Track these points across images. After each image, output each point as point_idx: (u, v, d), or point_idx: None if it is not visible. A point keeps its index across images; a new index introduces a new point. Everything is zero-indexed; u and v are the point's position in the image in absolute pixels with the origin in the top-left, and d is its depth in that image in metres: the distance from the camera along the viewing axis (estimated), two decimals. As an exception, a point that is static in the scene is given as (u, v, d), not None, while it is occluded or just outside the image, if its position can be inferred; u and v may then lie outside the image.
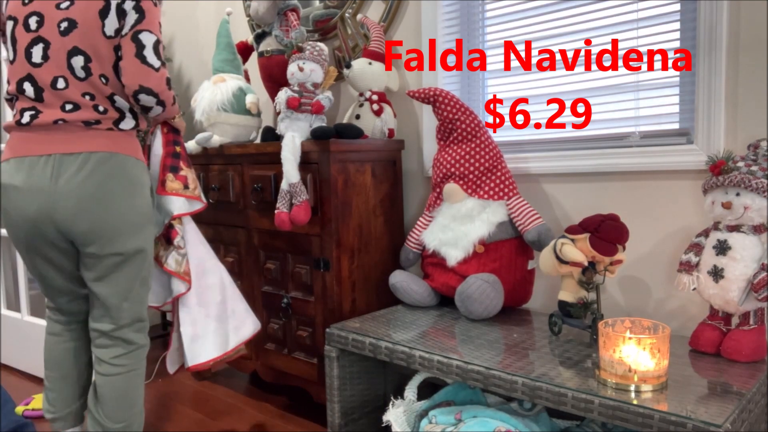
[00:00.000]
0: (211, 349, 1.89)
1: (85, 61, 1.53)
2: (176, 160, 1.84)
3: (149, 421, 2.21)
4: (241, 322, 1.98)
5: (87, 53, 1.53)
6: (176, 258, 1.83)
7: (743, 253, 1.44)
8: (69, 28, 1.53)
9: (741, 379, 1.35)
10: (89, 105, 1.55)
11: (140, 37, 1.52)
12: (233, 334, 1.96)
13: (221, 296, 1.94)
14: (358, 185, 2.07)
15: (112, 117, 1.57)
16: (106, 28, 1.52)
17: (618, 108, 1.86)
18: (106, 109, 1.56)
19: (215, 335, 1.91)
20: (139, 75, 1.52)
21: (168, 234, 1.85)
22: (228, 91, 2.23)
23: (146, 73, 1.52)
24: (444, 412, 1.62)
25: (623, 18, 1.82)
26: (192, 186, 1.85)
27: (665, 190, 1.77)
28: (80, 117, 1.54)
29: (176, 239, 1.83)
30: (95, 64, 1.54)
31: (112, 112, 1.58)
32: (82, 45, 1.52)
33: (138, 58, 1.51)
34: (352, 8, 2.40)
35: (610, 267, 1.64)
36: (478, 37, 2.15)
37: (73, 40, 1.52)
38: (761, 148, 1.49)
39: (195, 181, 1.88)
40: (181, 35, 3.26)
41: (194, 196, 1.85)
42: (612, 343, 1.32)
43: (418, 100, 1.99)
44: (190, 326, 1.88)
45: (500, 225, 1.89)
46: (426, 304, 2.03)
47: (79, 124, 1.54)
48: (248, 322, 2.00)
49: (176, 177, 1.82)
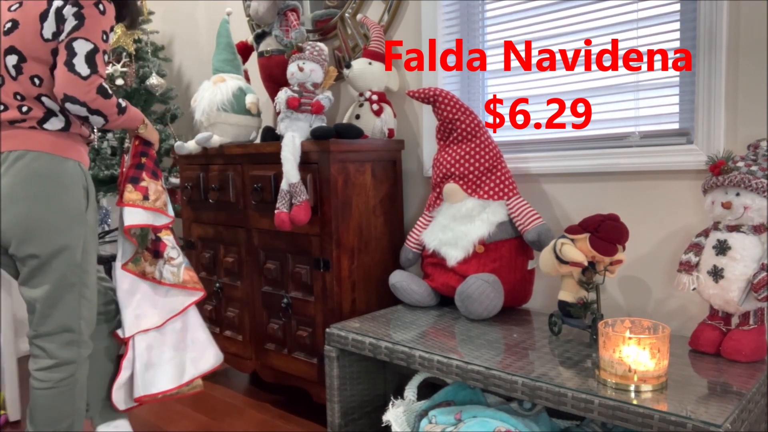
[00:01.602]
0: (165, 381, 1.80)
1: (18, 61, 1.51)
2: (139, 171, 1.79)
3: (150, 421, 2.21)
4: (201, 353, 1.88)
5: (22, 53, 1.51)
6: (171, 270, 1.79)
7: (743, 253, 1.44)
8: (11, 28, 1.53)
9: (741, 379, 1.35)
10: (15, 105, 1.53)
11: (74, 44, 1.49)
12: (191, 365, 1.86)
13: (181, 323, 1.85)
14: (358, 185, 2.07)
15: (36, 116, 1.53)
16: (43, 31, 1.50)
17: (618, 108, 1.86)
18: (30, 108, 1.53)
19: (170, 365, 1.82)
20: (65, 83, 1.48)
21: (156, 247, 1.80)
22: (228, 91, 2.23)
23: (72, 82, 1.47)
24: (444, 412, 1.62)
25: (623, 18, 1.82)
26: (153, 197, 1.78)
27: (665, 190, 1.77)
28: (6, 117, 1.53)
29: (166, 251, 1.79)
30: (28, 65, 1.52)
31: (37, 111, 1.54)
32: (18, 45, 1.51)
33: (66, 66, 1.48)
34: (352, 8, 2.40)
35: (610, 267, 1.64)
36: (478, 37, 2.15)
37: (11, 40, 1.52)
38: (761, 148, 1.49)
39: (158, 192, 1.80)
40: (181, 35, 3.26)
41: (154, 208, 1.77)
42: (612, 343, 1.32)
43: (418, 100, 1.99)
44: (145, 352, 1.79)
45: (500, 225, 1.89)
46: (426, 304, 2.02)
47: (5, 124, 1.53)
48: (209, 354, 1.89)
49: (135, 188, 1.76)
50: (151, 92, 2.86)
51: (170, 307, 1.83)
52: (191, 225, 2.51)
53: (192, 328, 1.88)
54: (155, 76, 2.83)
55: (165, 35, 3.29)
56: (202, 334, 1.90)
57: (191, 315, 1.88)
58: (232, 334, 2.39)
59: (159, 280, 1.79)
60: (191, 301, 1.82)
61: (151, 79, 2.82)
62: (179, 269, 1.80)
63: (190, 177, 2.45)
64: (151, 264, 1.80)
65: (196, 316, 1.90)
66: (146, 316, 1.79)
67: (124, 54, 2.78)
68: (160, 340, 1.81)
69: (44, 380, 1.57)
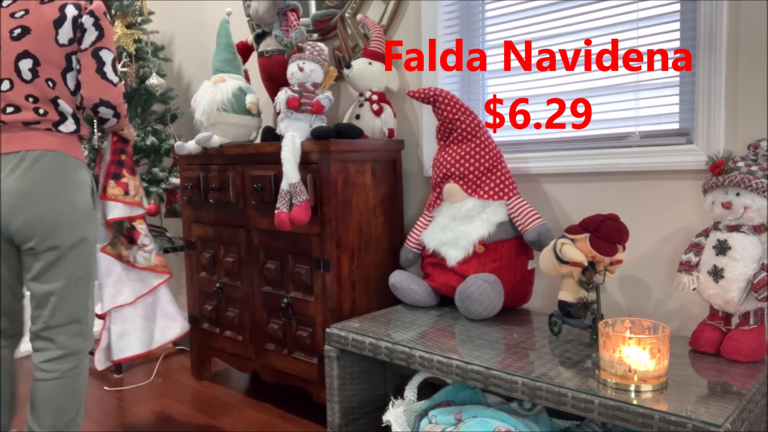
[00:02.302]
0: (136, 346, 2.03)
1: (34, 65, 1.59)
2: (119, 167, 1.96)
3: (150, 421, 2.21)
4: (169, 323, 2.11)
5: (37, 57, 1.59)
6: (144, 255, 2.01)
7: (743, 253, 1.44)
8: (21, 34, 1.59)
9: (741, 379, 1.35)
10: (30, 107, 1.60)
11: (100, 54, 1.64)
12: (159, 333, 2.10)
13: (152, 298, 2.08)
14: (358, 185, 2.07)
15: (52, 119, 1.62)
16: (59, 37, 1.60)
17: (618, 108, 1.86)
18: (46, 111, 1.61)
19: (141, 333, 2.05)
20: (99, 89, 1.65)
21: (131, 235, 2.01)
22: (228, 91, 2.23)
23: (106, 88, 1.66)
24: (444, 412, 1.62)
25: (623, 18, 1.82)
26: (132, 192, 1.97)
27: (665, 190, 1.77)
28: (20, 118, 1.59)
29: (139, 239, 2.00)
30: (43, 68, 1.60)
31: (53, 114, 1.63)
32: (32, 50, 1.58)
33: (99, 74, 1.64)
34: (352, 8, 2.40)
35: (610, 267, 1.64)
36: (478, 37, 2.15)
37: (24, 44, 1.58)
38: (761, 148, 1.49)
39: (137, 188, 1.99)
40: (181, 35, 3.26)
41: (133, 202, 1.97)
42: (612, 343, 1.32)
43: (418, 100, 1.99)
44: (120, 323, 2.01)
45: (500, 225, 1.89)
46: (426, 304, 2.02)
47: (18, 125, 1.59)
48: (176, 325, 2.12)
49: (117, 184, 1.93)
50: (151, 92, 2.86)
51: (141, 287, 2.05)
52: (191, 225, 2.51)
53: (162, 302, 2.11)
54: (155, 76, 2.83)
55: (165, 35, 3.29)
56: (171, 307, 2.13)
57: (162, 291, 2.12)
58: (232, 334, 2.39)
59: (133, 264, 2.01)
60: (159, 281, 2.06)
61: (151, 79, 2.82)
62: (151, 255, 2.04)
63: (190, 177, 2.45)
64: (127, 249, 2.01)
65: (166, 291, 2.12)
66: (120, 294, 2.00)
67: (124, 54, 2.78)
68: (133, 312, 2.04)
69: (52, 371, 1.64)
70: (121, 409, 2.33)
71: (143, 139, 2.81)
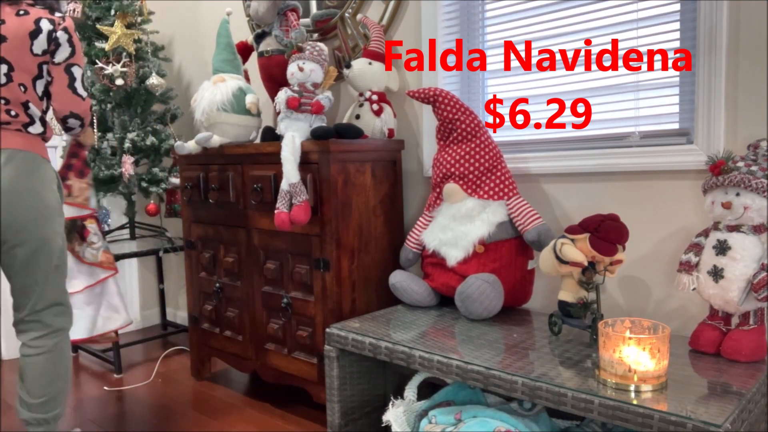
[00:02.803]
0: (80, 331, 2.26)
1: (8, 70, 1.70)
2: (67, 171, 2.17)
3: (150, 421, 2.21)
4: (112, 314, 2.34)
5: (11, 63, 1.70)
6: (92, 252, 2.25)
7: (743, 253, 1.44)
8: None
9: (741, 379, 1.35)
10: (3, 108, 1.71)
11: (72, 70, 1.79)
12: (102, 322, 2.33)
13: (101, 289, 2.32)
14: (358, 185, 2.07)
15: (22, 121, 1.73)
16: (34, 47, 1.71)
17: (618, 108, 1.86)
18: (17, 114, 1.72)
19: (86, 320, 2.28)
20: (71, 103, 1.81)
21: (81, 233, 2.24)
22: (228, 91, 2.23)
23: (76, 102, 1.81)
24: (444, 412, 1.62)
25: (623, 18, 1.82)
26: (76, 194, 2.18)
27: (665, 190, 1.77)
28: None
29: (89, 237, 2.23)
30: (17, 74, 1.71)
31: (23, 116, 1.73)
32: (8, 56, 1.70)
33: (70, 89, 1.79)
34: (352, 8, 2.40)
35: (610, 267, 1.64)
36: (478, 37, 2.15)
37: (1, 52, 1.70)
38: (761, 148, 1.49)
39: (81, 190, 2.19)
40: (181, 35, 3.26)
41: (77, 203, 2.19)
42: (612, 343, 1.32)
43: (418, 100, 1.99)
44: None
45: (500, 225, 1.89)
46: (426, 304, 2.02)
47: None
48: (119, 317, 2.35)
49: (62, 186, 2.02)
50: (151, 92, 2.86)
51: (89, 279, 2.29)
52: (191, 225, 2.51)
53: (108, 294, 2.34)
54: (155, 76, 2.83)
55: (165, 35, 3.29)
56: (117, 300, 2.36)
57: (110, 284, 2.35)
58: (232, 334, 2.39)
59: (82, 258, 2.26)
60: (105, 276, 2.30)
61: (151, 79, 2.82)
62: (98, 252, 2.27)
63: (190, 177, 2.45)
64: (79, 244, 2.26)
65: (114, 285, 2.36)
66: (70, 284, 2.14)
67: (124, 54, 2.78)
68: (82, 300, 2.27)
69: (38, 346, 1.78)
70: (121, 409, 2.33)
71: (143, 139, 2.81)
